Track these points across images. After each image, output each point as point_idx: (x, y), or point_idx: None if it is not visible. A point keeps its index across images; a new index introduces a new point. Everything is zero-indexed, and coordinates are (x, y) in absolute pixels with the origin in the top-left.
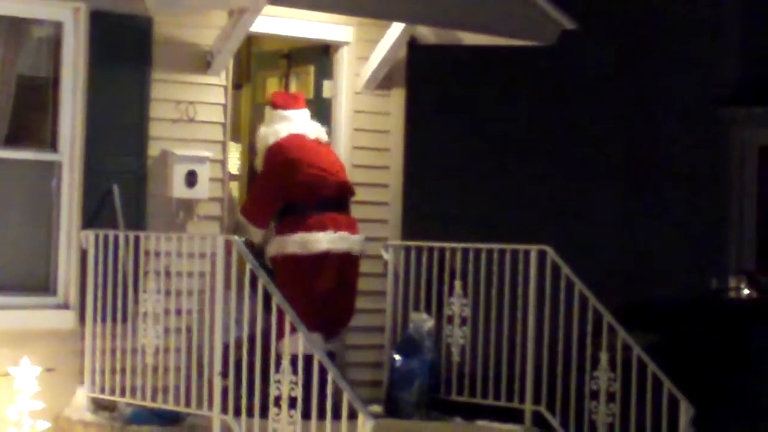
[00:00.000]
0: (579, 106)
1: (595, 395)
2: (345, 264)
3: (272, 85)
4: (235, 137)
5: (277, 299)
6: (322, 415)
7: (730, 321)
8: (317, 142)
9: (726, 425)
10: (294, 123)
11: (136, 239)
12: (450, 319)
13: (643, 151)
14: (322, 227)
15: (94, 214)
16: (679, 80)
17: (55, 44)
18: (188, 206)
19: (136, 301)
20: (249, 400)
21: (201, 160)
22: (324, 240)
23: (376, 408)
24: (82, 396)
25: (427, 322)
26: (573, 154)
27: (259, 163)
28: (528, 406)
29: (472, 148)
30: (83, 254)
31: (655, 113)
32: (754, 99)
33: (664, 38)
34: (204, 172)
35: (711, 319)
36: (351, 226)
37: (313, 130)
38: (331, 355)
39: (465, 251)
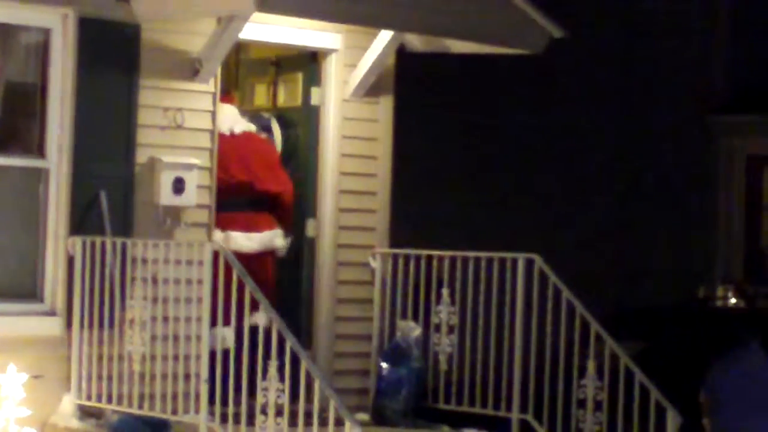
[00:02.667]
0: (567, 113)
1: (582, 404)
2: (253, 262)
3: (260, 93)
4: None
5: (264, 306)
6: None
7: (717, 330)
8: (245, 137)
9: None
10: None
11: (123, 246)
12: (437, 328)
13: (632, 159)
14: (229, 226)
15: (81, 221)
16: (668, 88)
17: (43, 51)
18: (175, 213)
19: (123, 308)
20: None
21: (188, 167)
22: (228, 239)
23: (363, 416)
24: (68, 403)
25: (415, 330)
26: (561, 162)
27: None
28: (515, 415)
29: (461, 156)
30: (70, 261)
31: (644, 121)
32: (743, 107)
33: (653, 46)
34: (191, 180)
35: (698, 327)
36: (256, 225)
37: (241, 125)
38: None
39: (452, 259)
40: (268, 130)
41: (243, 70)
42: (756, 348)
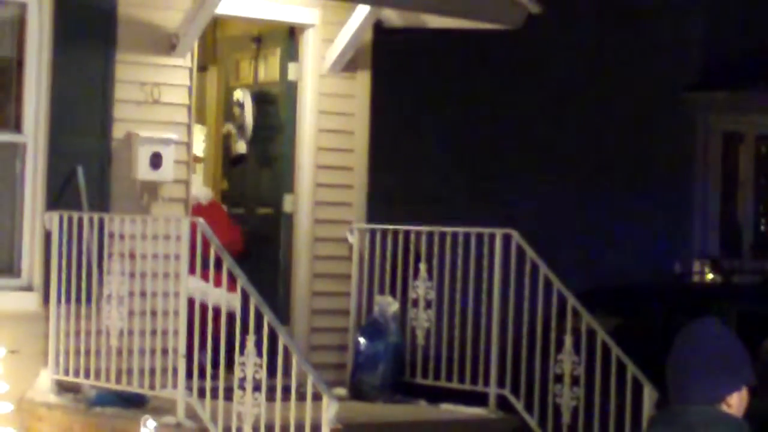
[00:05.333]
0: (544, 90)
1: (559, 379)
2: None
3: (244, 69)
4: (201, 120)
5: (242, 282)
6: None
7: (693, 305)
8: (211, 206)
9: None
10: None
11: (101, 221)
12: (415, 303)
13: (608, 135)
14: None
15: (59, 196)
16: (644, 65)
17: (19, 25)
18: (153, 188)
19: (100, 283)
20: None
21: (166, 142)
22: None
23: (341, 391)
24: (46, 378)
25: (392, 305)
26: (538, 138)
27: None
28: (492, 390)
29: (438, 131)
30: (47, 236)
31: (619, 98)
32: (718, 84)
33: (629, 23)
34: (169, 155)
35: (675, 303)
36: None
37: (207, 195)
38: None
39: (430, 234)
40: (241, 106)
41: (226, 47)
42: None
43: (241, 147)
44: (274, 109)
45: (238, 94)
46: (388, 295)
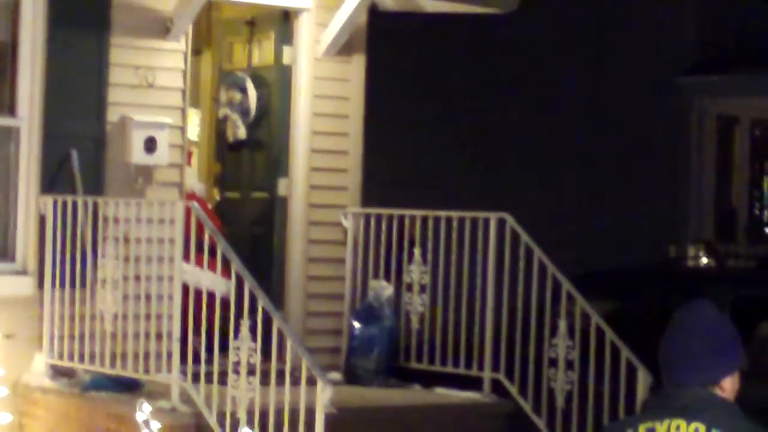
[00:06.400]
0: (539, 72)
1: (553, 363)
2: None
3: (238, 52)
4: (195, 103)
5: (236, 265)
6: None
7: (688, 289)
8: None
9: None
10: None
11: (95, 205)
12: (409, 287)
13: (603, 119)
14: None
15: (53, 180)
16: (638, 48)
17: (13, 8)
18: (147, 172)
19: (94, 267)
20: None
21: (160, 126)
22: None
23: (335, 375)
24: (40, 362)
25: (387, 290)
26: (534, 122)
27: None
28: (487, 374)
29: (433, 115)
30: (41, 220)
31: (614, 81)
32: (712, 67)
33: (624, 6)
34: (163, 138)
35: (669, 287)
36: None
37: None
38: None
39: (424, 218)
40: (243, 90)
41: (220, 30)
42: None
43: (241, 132)
44: (268, 93)
45: (241, 80)
46: (382, 279)
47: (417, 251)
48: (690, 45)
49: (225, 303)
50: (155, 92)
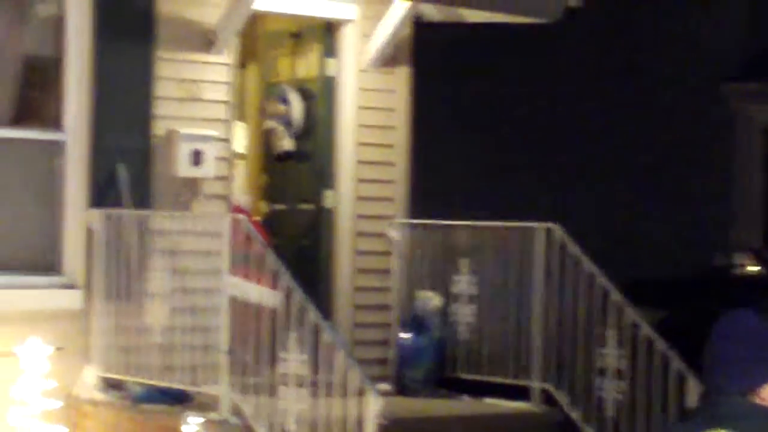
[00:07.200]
0: (582, 81)
1: (603, 372)
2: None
3: (283, 65)
4: (241, 116)
5: (284, 277)
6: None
7: (735, 297)
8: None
9: None
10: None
11: (142, 218)
12: (457, 298)
13: (648, 127)
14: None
15: (100, 194)
16: (683, 57)
17: (59, 23)
18: (193, 185)
19: (142, 280)
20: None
21: (206, 139)
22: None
23: (384, 386)
24: (90, 375)
25: (434, 300)
26: (579, 130)
27: None
28: (536, 384)
29: (478, 125)
30: (89, 234)
31: (659, 89)
32: (759, 75)
33: (667, 12)
34: (209, 151)
35: (717, 295)
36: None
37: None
38: None
39: (471, 229)
40: (287, 102)
41: (264, 43)
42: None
43: (287, 144)
44: (314, 105)
45: (283, 91)
46: (429, 290)
47: (464, 262)
48: (735, 52)
49: (273, 315)
50: (201, 105)
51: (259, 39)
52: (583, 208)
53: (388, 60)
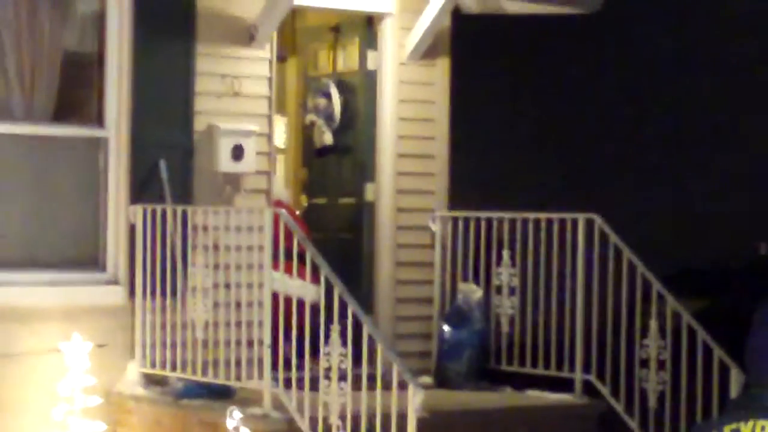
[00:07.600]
0: (627, 71)
1: (645, 363)
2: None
3: (323, 59)
4: (281, 110)
5: (325, 271)
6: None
7: None
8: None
9: None
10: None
11: (184, 213)
12: (499, 290)
13: (693, 115)
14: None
15: (142, 189)
16: (731, 41)
17: (99, 19)
18: (235, 180)
19: (185, 276)
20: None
21: (247, 133)
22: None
23: (426, 379)
24: (133, 371)
25: (476, 293)
26: (621, 120)
27: None
28: (578, 375)
29: (518, 116)
30: (131, 229)
31: (706, 76)
32: None
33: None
34: (250, 146)
35: (759, 284)
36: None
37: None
38: None
39: (512, 221)
40: (328, 96)
41: (304, 37)
42: None
43: (327, 138)
44: (354, 98)
45: (325, 85)
46: (471, 282)
47: (505, 253)
48: None
49: (315, 309)
50: (241, 100)
51: (298, 33)
52: (626, 197)
53: (427, 52)
